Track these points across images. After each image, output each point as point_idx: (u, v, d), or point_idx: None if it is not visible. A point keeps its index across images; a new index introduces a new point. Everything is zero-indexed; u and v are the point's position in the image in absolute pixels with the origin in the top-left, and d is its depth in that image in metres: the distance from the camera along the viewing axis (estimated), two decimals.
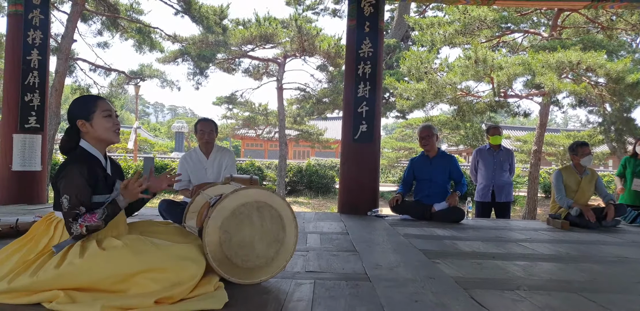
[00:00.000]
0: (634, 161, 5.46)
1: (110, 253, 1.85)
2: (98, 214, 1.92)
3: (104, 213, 1.93)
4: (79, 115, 2.07)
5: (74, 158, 2.04)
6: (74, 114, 2.09)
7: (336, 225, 4.33)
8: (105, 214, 1.94)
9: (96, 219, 1.90)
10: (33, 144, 5.40)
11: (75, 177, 1.93)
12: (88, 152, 2.08)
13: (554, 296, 2.14)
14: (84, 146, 2.09)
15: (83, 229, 1.89)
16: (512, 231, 4.31)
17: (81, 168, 1.96)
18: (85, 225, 1.88)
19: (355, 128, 5.34)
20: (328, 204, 14.97)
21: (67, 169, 1.96)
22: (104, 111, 2.09)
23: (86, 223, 1.88)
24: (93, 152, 2.09)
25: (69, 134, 2.10)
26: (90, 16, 12.22)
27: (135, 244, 1.91)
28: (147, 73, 14.14)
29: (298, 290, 2.12)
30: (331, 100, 15.82)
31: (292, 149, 30.78)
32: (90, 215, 1.91)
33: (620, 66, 8.46)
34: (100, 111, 2.09)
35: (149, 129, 46.83)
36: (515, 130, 30.28)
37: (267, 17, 14.74)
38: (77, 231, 1.89)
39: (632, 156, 5.53)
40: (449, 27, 10.45)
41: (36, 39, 5.37)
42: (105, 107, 2.11)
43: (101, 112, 2.09)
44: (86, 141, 2.10)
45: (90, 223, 1.89)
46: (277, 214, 2.21)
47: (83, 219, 1.89)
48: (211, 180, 3.91)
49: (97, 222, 1.90)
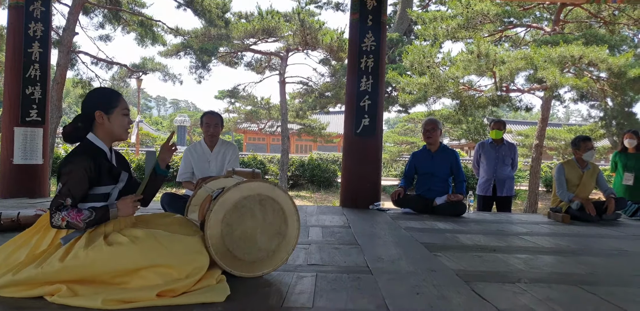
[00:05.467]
0: (624, 155, 5.47)
1: (115, 249, 1.84)
2: (84, 215, 1.88)
3: (90, 216, 1.90)
4: (100, 106, 2.08)
5: (82, 149, 2.04)
6: (95, 103, 2.09)
7: (338, 219, 4.34)
8: (90, 218, 1.90)
9: (79, 220, 1.87)
10: (34, 137, 5.41)
11: (77, 170, 1.94)
12: (94, 144, 2.09)
13: (554, 288, 2.15)
14: (90, 139, 2.09)
15: (63, 223, 1.87)
16: (513, 224, 4.32)
17: (88, 162, 1.96)
18: (67, 220, 1.86)
19: (358, 122, 5.33)
20: (330, 198, 15.00)
21: (74, 160, 1.96)
22: (124, 109, 2.14)
23: (68, 219, 1.86)
24: (99, 145, 2.10)
25: (83, 122, 2.10)
26: (92, 9, 12.19)
27: (141, 240, 1.90)
28: (149, 66, 14.13)
29: (300, 282, 2.14)
30: (333, 94, 15.79)
31: (294, 143, 30.78)
32: (77, 213, 1.88)
33: (622, 61, 8.43)
34: (121, 109, 2.13)
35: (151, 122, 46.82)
36: (517, 124, 30.20)
37: (270, 11, 14.67)
38: (57, 222, 1.87)
39: (621, 151, 5.54)
40: (451, 21, 10.40)
41: (37, 31, 5.36)
42: (125, 105, 2.16)
43: (122, 110, 2.13)
44: (94, 134, 2.10)
45: (73, 220, 1.87)
46: (279, 207, 2.22)
47: (67, 213, 1.87)
48: (214, 173, 3.93)
49: (79, 222, 1.87)
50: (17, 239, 2.02)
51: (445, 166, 4.89)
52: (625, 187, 5.40)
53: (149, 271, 1.84)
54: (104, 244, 1.86)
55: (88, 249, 1.83)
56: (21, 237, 2.02)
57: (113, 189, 2.09)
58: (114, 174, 2.10)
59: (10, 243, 2.01)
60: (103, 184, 2.04)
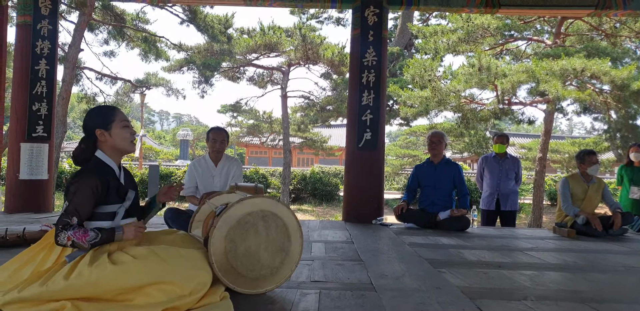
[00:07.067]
0: (630, 169, 5.44)
1: (119, 268, 1.84)
2: (90, 236, 1.89)
3: (95, 237, 1.91)
4: (98, 124, 2.10)
5: (91, 168, 2.06)
6: (93, 123, 2.11)
7: (341, 234, 4.32)
8: (96, 240, 1.91)
9: (85, 240, 1.89)
10: (40, 153, 5.44)
11: (85, 189, 1.95)
12: (103, 162, 2.11)
13: (561, 306, 2.12)
14: (99, 156, 2.11)
15: (69, 242, 1.88)
16: (518, 239, 4.29)
17: (96, 181, 1.98)
18: (73, 239, 1.87)
19: (360, 136, 5.35)
20: (332, 212, 14.95)
21: (82, 178, 1.98)
22: (122, 121, 2.14)
23: (74, 238, 1.87)
24: (108, 162, 2.12)
25: (87, 144, 2.12)
26: (97, 26, 12.37)
27: (144, 257, 1.90)
28: (152, 82, 14.26)
29: (304, 300, 2.12)
30: (335, 108, 15.87)
31: (296, 157, 30.81)
32: (83, 234, 1.89)
33: (625, 73, 8.46)
34: (119, 121, 2.13)
35: (154, 137, 47.01)
36: (520, 137, 30.17)
37: (272, 26, 14.85)
38: (63, 241, 1.88)
39: (627, 165, 5.51)
40: (452, 35, 10.50)
41: (44, 49, 5.43)
42: (123, 117, 2.16)
43: (120, 123, 2.13)
44: (102, 151, 2.12)
45: (79, 241, 1.88)
46: (282, 223, 2.21)
47: (74, 233, 1.87)
48: (218, 188, 3.94)
49: (84, 243, 1.89)
50: (22, 255, 2.02)
51: (448, 178, 4.88)
52: (632, 201, 5.35)
53: (152, 288, 1.83)
54: (108, 262, 1.86)
55: (92, 268, 1.83)
56: (26, 254, 2.02)
57: (119, 207, 2.09)
58: (121, 193, 2.11)
59: (16, 259, 2.01)
60: (110, 203, 2.05)
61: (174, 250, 1.99)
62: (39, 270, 1.90)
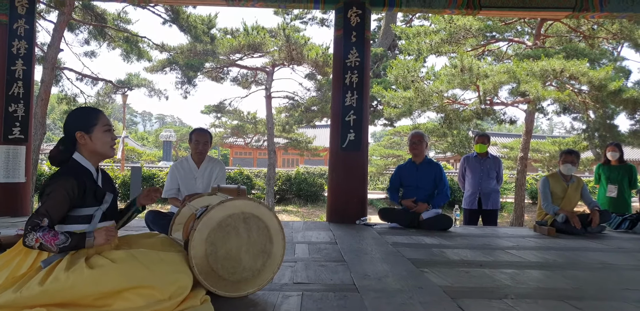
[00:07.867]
0: (607, 167, 5.56)
1: (97, 272, 1.80)
2: (59, 240, 1.83)
3: (65, 242, 1.84)
4: (79, 127, 2.06)
5: (67, 170, 2.02)
6: (74, 125, 2.07)
7: (325, 234, 4.32)
8: (65, 244, 1.84)
9: (53, 244, 1.82)
10: (17, 155, 5.32)
11: (59, 190, 1.91)
12: (80, 165, 2.06)
13: (540, 304, 2.15)
14: (76, 159, 2.07)
15: (37, 244, 1.81)
16: (499, 238, 4.34)
17: (72, 183, 1.93)
18: (41, 241, 1.80)
19: (343, 137, 5.35)
20: (317, 213, 14.95)
21: (58, 180, 1.93)
22: (104, 125, 2.10)
23: (42, 240, 1.80)
24: (86, 165, 2.08)
25: (65, 145, 2.07)
26: (77, 25, 12.16)
27: (123, 261, 1.86)
28: (134, 82, 14.07)
29: (286, 302, 2.11)
30: (319, 108, 15.87)
31: (281, 157, 30.74)
32: (52, 237, 1.82)
33: (602, 74, 8.63)
34: (101, 125, 2.09)
35: (137, 138, 46.48)
36: (502, 137, 30.58)
37: (255, 27, 14.80)
38: (31, 243, 1.81)
39: (604, 163, 5.63)
40: (435, 36, 10.59)
41: (21, 49, 5.32)
42: (106, 121, 2.12)
43: (102, 127, 2.09)
44: (80, 154, 2.08)
45: (47, 243, 1.81)
46: (264, 225, 2.20)
47: (43, 235, 1.81)
48: (200, 190, 3.89)
49: (52, 246, 1.82)
50: None
51: (429, 178, 4.92)
52: (609, 199, 5.47)
53: (131, 293, 1.80)
54: (85, 267, 1.82)
55: (69, 272, 1.79)
56: (1, 259, 1.97)
57: (96, 210, 2.05)
58: (98, 196, 2.07)
59: None
60: (87, 206, 2.01)
61: (154, 254, 1.96)
62: (14, 276, 1.85)
